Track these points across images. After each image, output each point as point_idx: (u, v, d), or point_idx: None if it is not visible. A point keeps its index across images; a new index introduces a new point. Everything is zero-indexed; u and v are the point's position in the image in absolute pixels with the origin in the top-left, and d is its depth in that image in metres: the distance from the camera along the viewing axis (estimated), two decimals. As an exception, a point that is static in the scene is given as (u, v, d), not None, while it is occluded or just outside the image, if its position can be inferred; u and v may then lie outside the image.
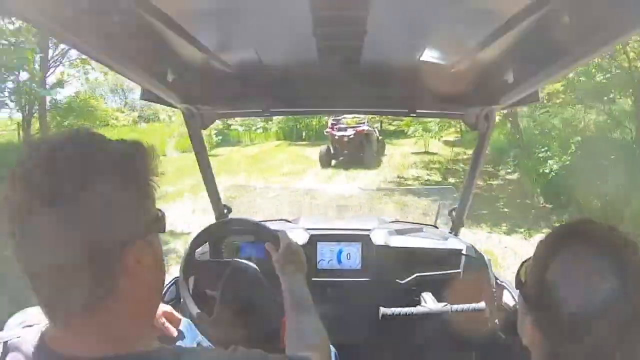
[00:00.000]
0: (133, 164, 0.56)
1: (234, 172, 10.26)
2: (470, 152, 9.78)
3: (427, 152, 12.77)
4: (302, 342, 0.87)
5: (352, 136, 10.98)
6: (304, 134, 18.01)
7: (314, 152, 12.77)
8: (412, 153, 12.75)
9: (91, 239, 0.52)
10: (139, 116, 24.53)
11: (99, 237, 0.52)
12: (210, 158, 1.80)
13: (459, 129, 13.19)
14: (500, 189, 8.53)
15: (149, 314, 0.65)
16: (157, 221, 0.61)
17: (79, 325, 0.55)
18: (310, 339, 0.88)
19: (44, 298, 0.55)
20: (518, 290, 0.72)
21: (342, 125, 11.34)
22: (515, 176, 9.38)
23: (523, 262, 0.73)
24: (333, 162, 11.54)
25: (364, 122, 11.45)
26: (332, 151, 11.52)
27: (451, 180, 9.15)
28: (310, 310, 0.97)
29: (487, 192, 8.17)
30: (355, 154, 11.18)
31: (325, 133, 11.89)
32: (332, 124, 11.53)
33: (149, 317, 0.65)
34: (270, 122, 18.72)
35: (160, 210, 0.62)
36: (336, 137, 11.19)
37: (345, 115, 11.04)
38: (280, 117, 16.44)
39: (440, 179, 9.56)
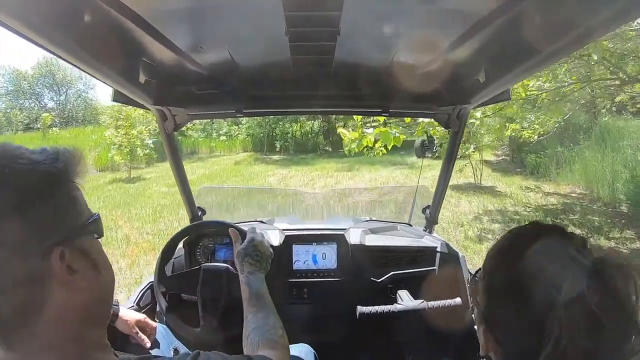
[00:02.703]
0: (47, 171, 0.53)
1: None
2: (548, 187, 7.26)
3: (481, 188, 8.00)
4: (262, 338, 0.85)
5: None
6: (277, 145, 14.52)
7: (289, 177, 9.75)
8: (458, 191, 7.73)
9: (8, 255, 0.49)
10: (65, 117, 23.37)
11: (16, 251, 0.50)
12: (119, 187, 1.76)
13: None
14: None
15: (97, 325, 0.60)
16: (91, 224, 0.58)
17: (19, 344, 0.52)
18: (269, 335, 0.87)
19: None
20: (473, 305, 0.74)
21: None
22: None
23: (474, 275, 0.76)
24: (428, 153, 11.85)
25: None
26: (427, 143, 11.85)
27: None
28: (268, 307, 0.95)
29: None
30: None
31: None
32: None
33: (99, 328, 0.60)
34: (238, 127, 15.75)
35: (94, 213, 0.59)
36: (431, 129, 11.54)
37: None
38: (251, 122, 14.90)
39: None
